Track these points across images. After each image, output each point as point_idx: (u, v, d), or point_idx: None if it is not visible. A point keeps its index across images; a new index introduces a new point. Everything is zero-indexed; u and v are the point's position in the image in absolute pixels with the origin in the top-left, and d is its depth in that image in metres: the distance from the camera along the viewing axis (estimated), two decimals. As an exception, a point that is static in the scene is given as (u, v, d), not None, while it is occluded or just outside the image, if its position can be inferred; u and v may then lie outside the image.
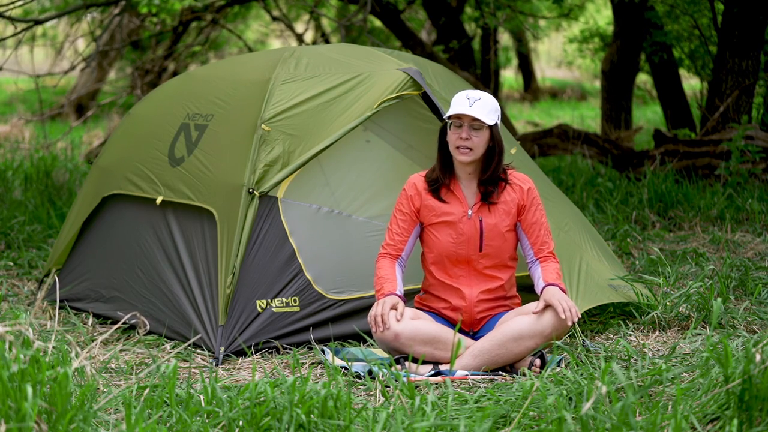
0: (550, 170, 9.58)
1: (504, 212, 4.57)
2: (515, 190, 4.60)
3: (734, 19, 8.70)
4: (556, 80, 24.54)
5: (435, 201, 4.59)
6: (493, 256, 4.57)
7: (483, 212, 4.57)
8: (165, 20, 11.75)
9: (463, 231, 4.55)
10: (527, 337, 4.37)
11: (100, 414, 3.65)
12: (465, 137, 4.49)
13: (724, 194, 7.91)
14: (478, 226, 4.55)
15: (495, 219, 4.56)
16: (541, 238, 4.58)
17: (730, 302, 5.29)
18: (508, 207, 4.58)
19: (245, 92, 5.24)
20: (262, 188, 4.88)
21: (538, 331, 4.37)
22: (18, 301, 5.83)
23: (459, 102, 4.53)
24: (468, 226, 4.55)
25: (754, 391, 3.37)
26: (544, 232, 4.59)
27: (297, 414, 3.44)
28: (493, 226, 4.55)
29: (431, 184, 4.60)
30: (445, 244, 4.56)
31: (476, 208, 4.57)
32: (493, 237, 4.55)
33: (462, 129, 4.50)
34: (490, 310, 4.58)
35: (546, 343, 4.41)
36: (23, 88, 15.54)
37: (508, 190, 4.60)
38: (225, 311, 4.74)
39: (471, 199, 4.59)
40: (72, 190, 8.90)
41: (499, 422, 3.62)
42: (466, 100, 4.52)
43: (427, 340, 4.41)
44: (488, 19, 11.19)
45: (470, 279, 4.57)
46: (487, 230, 4.55)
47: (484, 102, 4.52)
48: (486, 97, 4.55)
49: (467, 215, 4.56)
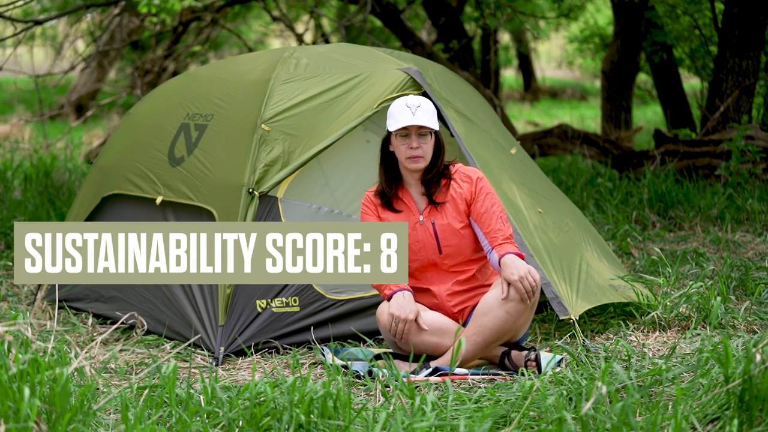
0: (550, 170, 9.58)
1: (454, 209, 4.54)
2: (461, 185, 4.56)
3: (734, 18, 8.70)
4: (556, 80, 24.54)
5: (389, 213, 4.57)
6: (455, 255, 4.55)
7: (434, 215, 4.55)
8: (165, 20, 11.74)
9: (418, 238, 4.53)
10: (495, 308, 4.35)
11: (100, 414, 3.65)
12: (416, 146, 4.46)
13: (725, 194, 7.91)
14: (431, 230, 4.53)
15: (447, 219, 4.54)
16: (493, 226, 4.49)
17: (731, 302, 5.29)
18: (456, 204, 4.54)
19: (245, 92, 5.24)
20: (262, 188, 4.88)
21: (500, 298, 4.34)
22: (18, 301, 5.83)
23: (400, 113, 4.49)
24: (422, 232, 4.54)
25: (754, 392, 3.37)
26: (496, 220, 4.50)
27: (297, 414, 3.44)
28: (447, 226, 4.53)
29: (382, 198, 4.59)
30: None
31: (426, 212, 4.55)
32: (449, 237, 4.53)
33: (410, 139, 4.47)
34: (466, 301, 4.56)
35: (543, 345, 4.40)
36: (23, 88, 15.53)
37: (454, 186, 4.55)
38: (225, 311, 4.74)
39: (421, 203, 4.57)
40: (72, 190, 8.90)
41: (499, 422, 3.62)
42: (407, 109, 4.48)
43: (435, 330, 4.43)
44: (488, 19, 11.19)
45: (439, 277, 4.56)
46: (441, 232, 4.53)
47: (424, 108, 4.49)
48: (424, 102, 4.51)
49: (419, 221, 4.54)
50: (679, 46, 11.30)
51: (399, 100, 4.55)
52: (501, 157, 5.30)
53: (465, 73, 10.65)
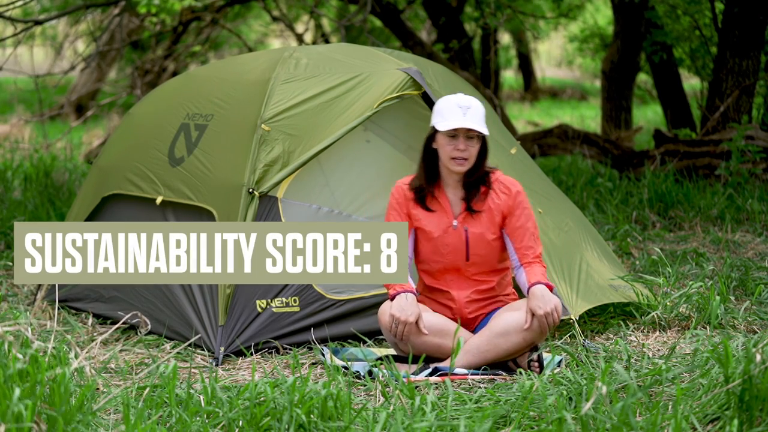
0: (550, 170, 9.58)
1: (489, 220, 4.48)
2: (500, 196, 4.50)
3: (734, 18, 8.70)
4: (556, 80, 24.53)
5: (421, 211, 4.51)
6: (481, 264, 4.51)
7: (468, 221, 4.48)
8: (165, 20, 11.74)
9: (448, 242, 4.48)
10: (513, 333, 4.34)
11: (100, 414, 3.65)
12: (462, 148, 4.39)
13: (725, 194, 7.91)
14: (463, 237, 4.48)
15: (481, 228, 4.48)
16: (525, 242, 4.45)
17: (731, 302, 5.29)
18: (493, 214, 4.48)
19: (245, 92, 5.23)
20: (262, 188, 4.87)
21: (523, 325, 4.34)
22: (17, 301, 5.82)
23: (450, 112, 4.40)
24: (453, 237, 4.48)
25: (754, 391, 3.37)
26: (528, 237, 4.46)
27: (297, 414, 3.44)
28: (479, 235, 4.47)
29: (417, 193, 4.52)
30: (431, 254, 4.50)
31: (461, 217, 4.49)
32: (480, 246, 4.48)
33: (458, 140, 4.40)
34: (482, 308, 4.55)
35: (544, 345, 4.40)
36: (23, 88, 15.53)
37: (492, 196, 4.49)
38: (225, 311, 4.74)
39: (457, 206, 4.50)
40: (72, 190, 8.89)
41: (499, 422, 3.62)
42: (458, 110, 4.39)
43: (436, 332, 4.40)
44: (488, 19, 11.19)
45: (459, 283, 4.53)
46: (473, 240, 4.48)
47: (475, 109, 4.41)
48: (475, 103, 4.43)
49: (452, 226, 4.49)
50: (679, 46, 11.30)
51: (449, 98, 4.45)
52: (501, 157, 5.29)
53: (465, 73, 10.65)
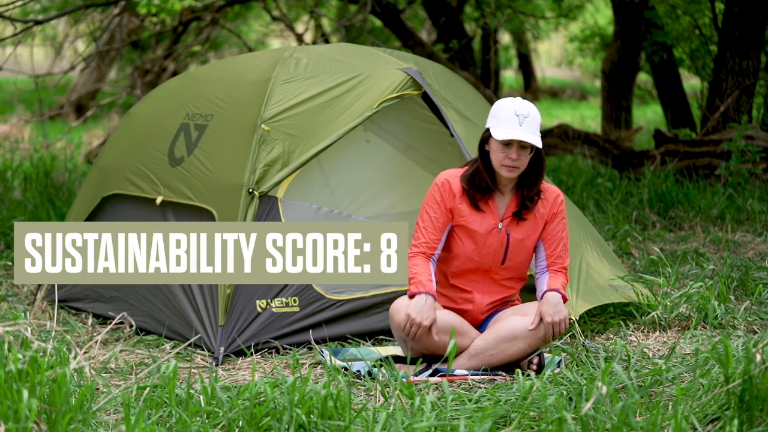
0: (550, 170, 9.58)
1: (532, 227, 4.46)
2: (545, 204, 4.48)
3: (735, 18, 8.70)
4: (557, 80, 24.53)
5: (468, 207, 4.43)
6: (513, 269, 4.50)
7: (512, 226, 4.45)
8: (165, 20, 11.74)
9: (490, 243, 4.44)
10: (521, 339, 4.35)
11: (100, 414, 3.65)
12: (515, 157, 4.32)
13: (725, 194, 7.91)
14: (504, 241, 4.44)
15: (522, 234, 4.45)
16: (558, 251, 4.46)
17: (731, 302, 5.29)
18: (536, 222, 4.47)
19: (245, 92, 5.23)
20: (262, 188, 4.87)
21: (532, 332, 4.35)
22: (17, 301, 5.82)
23: (507, 119, 4.32)
24: (495, 239, 4.44)
25: (754, 392, 3.37)
26: (562, 247, 4.47)
27: (297, 414, 3.44)
28: (520, 241, 4.45)
29: (472, 189, 4.42)
30: (468, 252, 4.44)
31: (506, 222, 4.45)
32: (518, 252, 4.46)
33: (511, 149, 4.32)
34: (492, 310, 4.57)
35: (545, 346, 4.40)
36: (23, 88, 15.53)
37: (539, 204, 4.47)
38: (225, 311, 4.74)
39: (503, 210, 4.46)
40: (72, 190, 8.89)
41: (499, 422, 3.62)
42: (515, 118, 4.31)
43: (447, 330, 4.34)
44: (488, 19, 11.19)
45: (483, 285, 4.50)
46: (513, 245, 4.45)
47: (532, 119, 4.33)
48: (532, 111, 4.36)
49: (497, 228, 4.45)
50: (680, 46, 11.30)
51: (507, 103, 4.38)
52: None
53: (465, 73, 10.65)
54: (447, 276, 4.52)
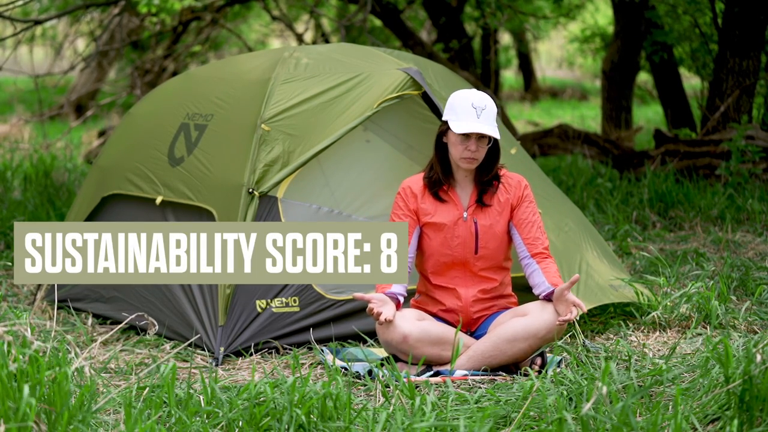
0: (550, 170, 9.58)
1: (497, 213, 4.53)
2: (509, 190, 4.56)
3: (735, 18, 8.70)
4: (557, 80, 24.53)
5: (431, 204, 4.53)
6: (489, 258, 4.54)
7: (477, 214, 4.53)
8: (165, 20, 11.75)
9: (458, 234, 4.51)
10: (521, 339, 4.36)
11: (100, 414, 3.64)
12: (474, 149, 4.42)
13: (725, 194, 7.91)
14: (473, 229, 4.51)
15: (490, 220, 4.52)
16: (533, 233, 4.52)
17: (731, 302, 5.28)
18: (502, 207, 4.54)
19: (245, 92, 5.23)
20: (261, 188, 4.87)
21: (532, 333, 4.35)
22: (17, 301, 5.82)
23: (465, 112, 4.40)
24: (463, 228, 4.51)
25: (754, 392, 3.36)
26: (536, 229, 4.53)
27: (297, 414, 3.44)
28: (488, 227, 4.52)
29: (432, 185, 4.54)
30: (440, 246, 4.52)
31: (471, 210, 4.53)
32: (489, 239, 4.52)
33: (470, 141, 4.42)
34: (486, 309, 4.57)
35: (546, 345, 4.40)
36: (23, 88, 15.53)
37: (501, 190, 4.55)
38: (225, 311, 4.74)
39: (465, 199, 4.55)
40: (72, 190, 8.89)
41: (500, 422, 3.62)
42: (472, 110, 4.40)
43: (435, 341, 4.38)
44: (489, 19, 11.19)
45: (465, 280, 4.55)
46: (482, 232, 4.51)
47: (489, 110, 4.42)
48: (489, 103, 4.44)
49: (462, 218, 4.52)
50: (680, 46, 11.30)
51: (464, 96, 4.45)
52: (501, 157, 5.29)
53: (465, 73, 10.65)
54: (429, 278, 4.58)
